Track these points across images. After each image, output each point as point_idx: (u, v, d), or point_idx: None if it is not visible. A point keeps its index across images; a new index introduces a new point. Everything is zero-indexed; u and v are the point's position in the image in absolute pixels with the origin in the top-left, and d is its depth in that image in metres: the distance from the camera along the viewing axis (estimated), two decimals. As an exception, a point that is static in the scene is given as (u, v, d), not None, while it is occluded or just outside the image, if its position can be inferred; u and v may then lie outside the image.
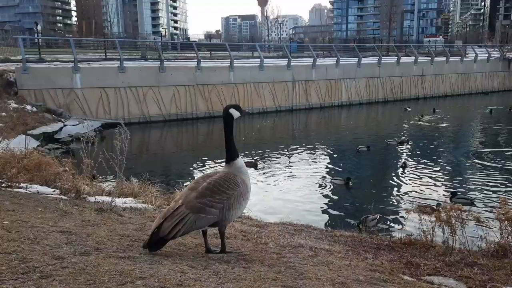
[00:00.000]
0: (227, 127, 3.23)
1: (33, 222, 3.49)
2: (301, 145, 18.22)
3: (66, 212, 4.28)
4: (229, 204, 2.97)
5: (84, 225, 3.67)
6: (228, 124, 3.23)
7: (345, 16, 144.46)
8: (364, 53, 37.51)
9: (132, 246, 3.03)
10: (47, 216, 3.96)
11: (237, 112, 3.25)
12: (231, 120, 3.23)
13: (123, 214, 4.86)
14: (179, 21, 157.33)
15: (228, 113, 3.22)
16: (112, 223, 4.04)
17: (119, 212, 4.90)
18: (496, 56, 42.92)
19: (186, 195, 2.97)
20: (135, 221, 4.32)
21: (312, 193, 11.07)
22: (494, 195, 10.37)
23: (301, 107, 29.87)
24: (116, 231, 3.57)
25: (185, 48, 42.23)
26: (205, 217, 2.89)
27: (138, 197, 6.81)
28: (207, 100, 25.84)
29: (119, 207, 5.46)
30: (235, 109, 3.26)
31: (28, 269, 2.23)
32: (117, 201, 6.01)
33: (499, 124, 23.19)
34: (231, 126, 3.23)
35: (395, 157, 15.72)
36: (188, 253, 3.13)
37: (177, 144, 20.23)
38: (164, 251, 2.95)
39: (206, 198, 2.91)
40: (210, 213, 2.90)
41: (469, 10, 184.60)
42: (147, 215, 4.94)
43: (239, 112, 3.27)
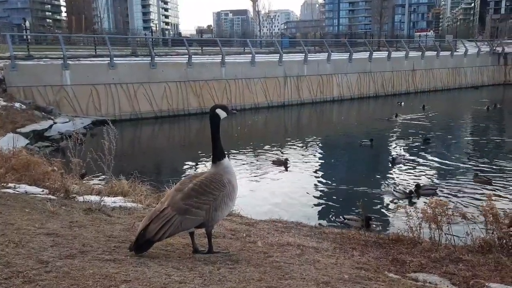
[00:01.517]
0: (214, 127, 3.23)
1: (19, 224, 3.47)
2: (293, 140, 18.27)
3: (53, 213, 4.26)
4: (216, 205, 2.98)
5: (71, 226, 3.65)
6: (215, 124, 3.23)
7: (337, 11, 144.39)
8: (356, 48, 37.60)
9: (118, 248, 3.03)
10: (34, 217, 3.93)
11: (223, 112, 3.25)
12: (217, 120, 3.23)
13: (111, 214, 4.84)
14: (170, 16, 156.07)
15: (215, 113, 3.22)
16: (100, 223, 4.03)
17: (108, 212, 4.88)
18: (486, 50, 43.26)
19: (172, 196, 2.97)
20: (123, 221, 4.31)
21: (304, 189, 11.11)
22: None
23: (293, 103, 29.91)
24: (103, 232, 3.56)
25: (176, 43, 41.95)
26: (191, 219, 2.89)
27: (128, 196, 6.79)
28: (198, 96, 25.76)
29: (108, 206, 5.44)
30: (222, 109, 3.26)
31: (12, 274, 2.22)
32: (107, 200, 6.00)
33: (492, 122, 23.07)
34: (218, 126, 3.23)
35: (386, 152, 15.82)
36: (175, 254, 3.13)
37: (168, 141, 20.17)
38: (150, 252, 2.95)
39: (192, 199, 2.91)
40: (196, 214, 2.90)
41: (460, 4, 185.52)
42: (136, 215, 4.93)
43: (225, 112, 3.27)
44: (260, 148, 16.98)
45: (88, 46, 32.73)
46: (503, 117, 23.63)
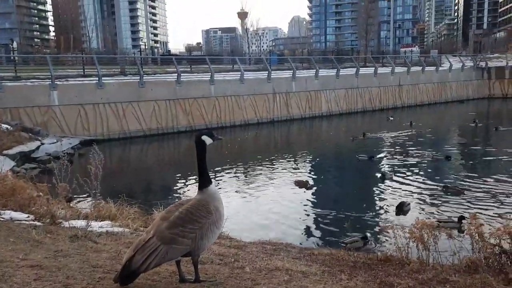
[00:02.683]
0: (200, 154, 3.23)
1: (3, 256, 3.41)
2: (283, 157, 18.33)
3: (38, 242, 4.19)
4: (202, 233, 2.96)
5: (56, 256, 3.59)
6: (201, 151, 3.23)
7: (324, 28, 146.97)
8: (343, 64, 38.15)
9: (103, 280, 2.98)
10: (18, 247, 3.87)
11: (209, 139, 3.26)
12: (203, 147, 3.24)
13: (98, 240, 4.77)
14: (159, 34, 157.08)
15: (200, 140, 3.23)
16: (86, 251, 3.97)
17: (94, 238, 4.81)
18: (470, 65, 44.25)
19: (157, 225, 2.95)
20: (109, 248, 4.25)
21: (294, 206, 11.09)
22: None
23: (282, 119, 30.10)
24: (88, 262, 3.51)
25: (165, 62, 42.16)
26: (177, 248, 2.87)
27: (115, 220, 6.71)
28: (188, 114, 25.79)
29: (95, 232, 5.36)
30: (208, 135, 3.27)
31: (-8, 313, 2.17)
32: (93, 225, 5.93)
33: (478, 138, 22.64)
34: (204, 152, 3.23)
35: (375, 169, 15.91)
36: (162, 283, 3.09)
37: (158, 160, 20.03)
38: (136, 282, 2.91)
39: (177, 228, 2.89)
40: (182, 243, 2.88)
41: (443, 20, 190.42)
42: (123, 241, 4.87)
43: (211, 139, 3.28)
44: (250, 165, 16.99)
45: (77, 66, 32.69)
46: (489, 133, 23.67)
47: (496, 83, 43.12)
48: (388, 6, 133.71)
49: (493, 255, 3.91)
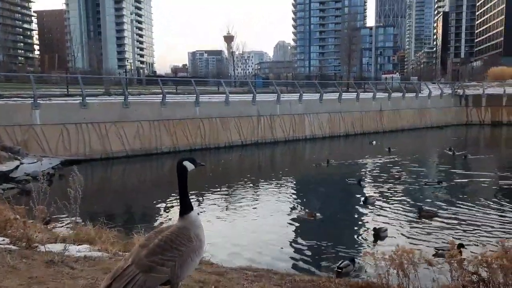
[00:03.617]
0: (181, 180, 3.23)
1: (-26, 283, 3.30)
2: (267, 180, 18.29)
3: (13, 268, 4.07)
4: (182, 261, 2.93)
5: (30, 283, 3.50)
6: (182, 177, 3.23)
7: (308, 53, 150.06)
8: (326, 89, 38.84)
9: (79, 308, 2.91)
10: (-9, 273, 3.75)
11: (191, 165, 3.27)
12: (185, 173, 3.24)
13: (75, 266, 4.65)
14: (145, 55, 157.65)
15: (182, 166, 3.23)
16: (62, 278, 3.87)
17: (71, 263, 4.69)
18: (448, 92, 45.60)
19: (136, 253, 2.91)
20: (86, 275, 4.15)
21: (277, 232, 11.01)
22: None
23: (266, 141, 30.26)
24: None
25: (151, 83, 42.22)
26: (156, 276, 2.82)
27: (94, 244, 6.57)
28: (172, 135, 25.70)
29: (72, 256, 5.23)
30: (190, 161, 3.27)
31: None
32: (71, 249, 5.78)
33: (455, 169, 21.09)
34: (185, 179, 3.23)
35: (359, 193, 16.02)
36: (139, 312, 3.02)
37: (140, 182, 19.76)
38: (113, 311, 2.84)
39: (157, 256, 2.86)
40: (161, 271, 2.84)
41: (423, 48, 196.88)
42: (101, 266, 4.76)
43: (193, 165, 3.29)
44: (234, 187, 16.90)
45: (61, 85, 32.42)
46: (461, 161, 23.50)
47: (473, 110, 44.41)
48: (370, 33, 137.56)
49: (471, 283, 3.96)
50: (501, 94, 43.95)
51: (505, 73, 63.50)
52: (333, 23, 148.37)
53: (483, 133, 40.57)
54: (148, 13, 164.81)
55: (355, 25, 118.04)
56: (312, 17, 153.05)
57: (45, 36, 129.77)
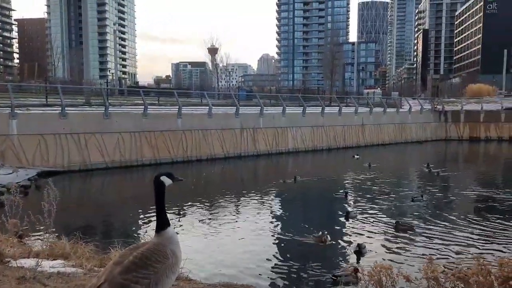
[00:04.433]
0: (158, 195, 3.17)
1: None
2: (249, 193, 18.18)
3: (-20, 285, 3.90)
4: (157, 278, 2.86)
5: (-3, 302, 3.35)
6: (159, 192, 3.18)
7: (292, 66, 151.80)
8: (309, 103, 39.23)
9: (47, 329, 2.79)
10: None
11: (169, 180, 3.22)
12: (162, 188, 3.18)
13: (47, 282, 4.50)
14: (128, 65, 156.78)
15: (160, 181, 3.18)
16: (32, 296, 3.72)
17: (43, 280, 4.54)
18: (428, 108, 46.62)
19: (109, 270, 2.82)
20: (59, 292, 4.01)
21: (258, 247, 10.88)
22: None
23: (249, 154, 30.21)
24: (34, 308, 3.29)
25: (132, 93, 41.88)
26: (130, 295, 2.74)
27: (69, 259, 6.38)
28: (153, 147, 25.43)
29: (45, 272, 5.07)
30: (167, 176, 3.23)
31: None
32: (44, 264, 5.59)
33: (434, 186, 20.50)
34: (163, 194, 3.18)
35: (340, 207, 16.08)
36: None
37: (119, 194, 19.40)
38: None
39: (131, 274, 2.78)
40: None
41: (403, 64, 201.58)
42: (75, 283, 4.62)
43: (171, 180, 3.24)
44: (215, 201, 16.75)
45: (40, 94, 31.84)
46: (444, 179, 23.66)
47: (452, 126, 45.45)
48: (352, 49, 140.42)
49: (448, 299, 3.98)
50: (479, 111, 45.17)
51: (483, 90, 65.50)
52: (316, 37, 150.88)
53: (461, 149, 41.50)
54: (132, 23, 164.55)
55: (337, 40, 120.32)
56: (296, 31, 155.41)
57: (25, 44, 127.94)
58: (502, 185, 20.62)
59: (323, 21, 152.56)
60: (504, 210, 14.62)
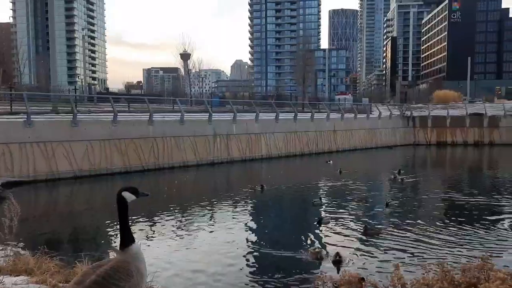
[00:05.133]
0: (121, 211, 3.09)
1: None
2: (223, 200, 18.08)
3: None
4: (120, 298, 2.77)
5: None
6: (122, 208, 3.09)
7: (265, 72, 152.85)
8: (282, 109, 39.55)
9: None
10: None
11: (131, 196, 3.14)
12: (125, 204, 3.10)
13: (6, 302, 4.29)
14: (97, 71, 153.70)
15: (121, 197, 3.09)
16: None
17: (2, 300, 4.33)
18: (397, 113, 47.89)
19: (70, 291, 2.72)
20: (18, 314, 3.82)
21: (231, 257, 10.77)
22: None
23: (222, 161, 30.08)
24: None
25: (102, 100, 40.96)
26: (91, 317, 2.65)
27: (33, 274, 6.13)
28: (123, 154, 24.91)
29: (5, 291, 4.84)
30: (130, 192, 3.15)
31: None
32: (6, 281, 5.38)
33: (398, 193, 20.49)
34: (125, 210, 3.10)
35: (312, 213, 16.21)
36: None
37: (88, 204, 18.83)
38: None
39: (93, 294, 2.69)
40: (96, 311, 2.67)
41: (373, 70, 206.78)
42: (37, 301, 4.42)
43: (134, 195, 3.16)
44: (188, 209, 16.54)
45: (4, 102, 30.67)
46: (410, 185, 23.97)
47: (420, 131, 46.83)
48: (324, 56, 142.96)
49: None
50: (445, 116, 46.76)
51: (448, 96, 67.95)
52: (288, 44, 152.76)
53: (429, 153, 42.75)
54: (101, 28, 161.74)
55: (309, 47, 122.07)
56: (268, 38, 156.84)
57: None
58: (467, 189, 21.33)
59: (295, 28, 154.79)
60: (469, 215, 15.10)
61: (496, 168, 31.28)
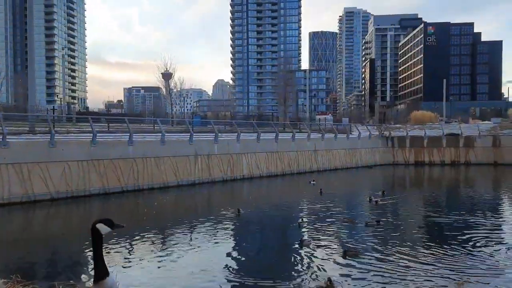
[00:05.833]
0: (95, 243, 3.01)
1: None
2: (204, 222, 17.81)
3: None
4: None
5: None
6: (96, 240, 3.02)
7: (246, 92, 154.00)
8: (263, 129, 39.74)
9: None
10: None
11: (106, 228, 3.07)
12: (99, 236, 3.03)
13: None
14: (77, 90, 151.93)
15: (95, 229, 3.02)
16: None
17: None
18: (376, 134, 48.72)
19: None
20: None
21: (211, 280, 10.61)
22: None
23: (203, 181, 29.82)
24: None
25: (82, 120, 40.42)
26: None
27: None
28: (102, 176, 24.44)
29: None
30: (105, 223, 3.08)
31: None
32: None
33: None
34: (100, 242, 3.02)
35: (294, 235, 16.14)
36: None
37: (65, 228, 18.27)
38: None
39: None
40: None
41: (353, 91, 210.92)
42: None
43: (109, 227, 3.09)
44: (168, 231, 16.24)
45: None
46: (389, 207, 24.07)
47: (399, 151, 47.66)
48: (304, 76, 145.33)
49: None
50: (422, 136, 47.80)
51: (425, 117, 69.60)
52: (270, 65, 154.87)
53: (408, 173, 43.43)
54: (82, 47, 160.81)
55: (290, 67, 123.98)
56: (250, 58, 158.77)
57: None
58: (445, 209, 21.66)
59: (276, 49, 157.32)
60: (447, 236, 15.30)
61: (472, 187, 31.99)
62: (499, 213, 20.87)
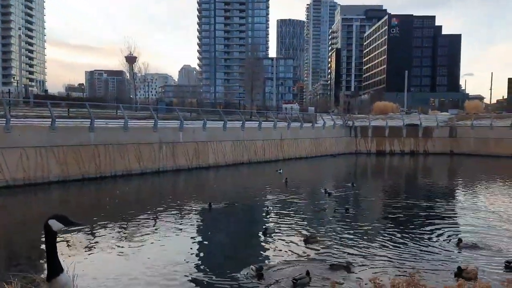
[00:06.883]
0: (48, 240, 2.90)
1: None
2: (168, 210, 17.62)
3: None
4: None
5: None
6: (48, 237, 2.90)
7: (213, 79, 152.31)
8: (230, 117, 39.55)
9: None
10: None
11: (58, 224, 2.95)
12: (51, 232, 2.91)
13: None
14: (35, 72, 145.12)
15: (46, 225, 2.90)
16: None
17: None
18: (340, 123, 49.71)
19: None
20: None
21: (176, 270, 10.52)
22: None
23: (168, 169, 29.44)
24: None
25: (40, 104, 38.63)
26: None
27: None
28: (62, 163, 23.61)
29: None
30: (59, 220, 2.96)
31: None
32: None
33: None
34: (52, 239, 2.91)
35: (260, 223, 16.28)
36: None
37: (22, 217, 17.54)
38: None
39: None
40: None
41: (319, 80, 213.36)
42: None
43: (62, 224, 2.97)
44: (131, 220, 15.95)
45: None
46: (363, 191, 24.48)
47: (361, 140, 48.94)
48: (272, 64, 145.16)
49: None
50: (384, 126, 49.22)
51: (387, 107, 71.51)
52: (237, 51, 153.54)
53: (369, 161, 44.75)
54: (41, 27, 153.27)
55: (257, 55, 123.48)
56: (217, 44, 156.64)
57: None
58: (404, 197, 22.55)
59: (243, 35, 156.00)
60: (404, 224, 15.92)
61: (429, 176, 33.40)
62: (455, 201, 21.92)
